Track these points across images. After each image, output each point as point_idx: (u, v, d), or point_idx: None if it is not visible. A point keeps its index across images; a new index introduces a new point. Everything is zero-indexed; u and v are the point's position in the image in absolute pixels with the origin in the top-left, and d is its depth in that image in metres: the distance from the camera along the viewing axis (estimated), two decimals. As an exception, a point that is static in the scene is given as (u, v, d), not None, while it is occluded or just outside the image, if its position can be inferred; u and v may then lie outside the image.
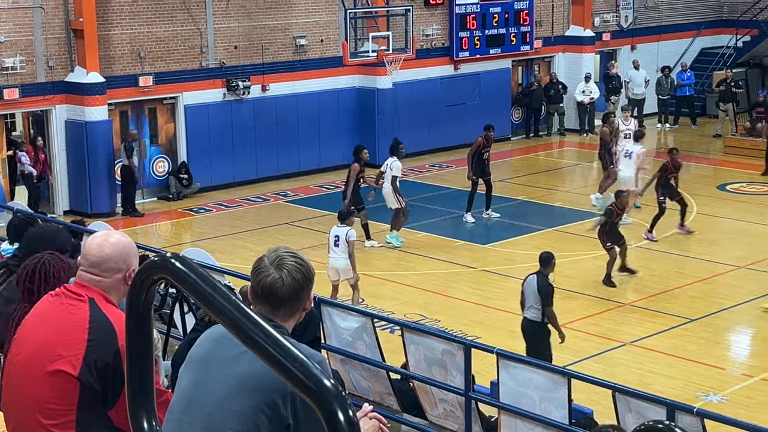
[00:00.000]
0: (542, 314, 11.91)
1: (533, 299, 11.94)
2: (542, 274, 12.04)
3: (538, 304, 11.91)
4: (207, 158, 22.71)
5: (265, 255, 3.18)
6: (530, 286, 11.99)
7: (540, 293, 11.86)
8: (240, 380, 3.04)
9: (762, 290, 15.76)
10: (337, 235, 14.65)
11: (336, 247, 14.62)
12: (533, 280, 12.00)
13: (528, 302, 12.00)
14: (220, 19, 22.95)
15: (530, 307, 11.98)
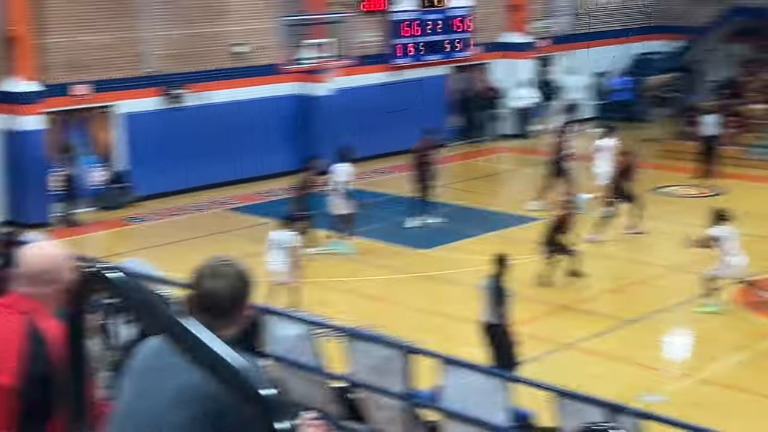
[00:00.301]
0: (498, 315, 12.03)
1: (489, 302, 12.09)
2: (498, 276, 12.15)
3: (491, 306, 12.06)
4: (146, 167, 22.50)
5: (204, 264, 3.17)
6: (487, 288, 12.14)
7: (497, 295, 12.01)
8: (179, 391, 3.02)
9: (698, 291, 15.99)
10: (276, 239, 14.79)
11: (273, 250, 14.75)
12: (489, 283, 12.15)
13: (484, 304, 12.10)
14: (157, 27, 22.76)
15: (486, 309, 12.11)
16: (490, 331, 12.11)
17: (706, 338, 14.44)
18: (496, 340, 12.08)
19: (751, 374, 12.95)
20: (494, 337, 12.10)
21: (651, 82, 29.88)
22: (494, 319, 12.06)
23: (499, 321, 12.05)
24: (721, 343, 14.08)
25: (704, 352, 13.94)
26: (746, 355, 13.60)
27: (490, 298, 12.07)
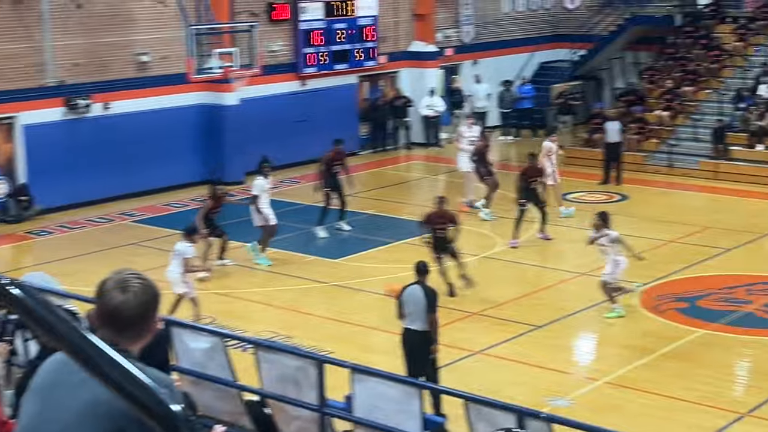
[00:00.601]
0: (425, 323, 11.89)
1: (418, 309, 11.86)
2: (423, 283, 12.08)
3: (423, 313, 11.86)
4: (48, 179, 22.04)
5: (108, 277, 3.11)
6: (414, 296, 11.89)
7: (428, 299, 11.85)
8: (84, 408, 2.95)
9: (603, 296, 16.26)
10: (176, 250, 14.88)
11: (172, 261, 14.84)
12: (417, 290, 11.91)
13: (412, 314, 11.87)
14: (58, 36, 22.36)
15: (416, 318, 11.88)
16: (418, 339, 11.97)
17: (611, 342, 14.71)
18: (424, 348, 12.02)
19: (655, 376, 13.23)
20: (422, 346, 12.00)
21: (556, 90, 30.36)
22: (424, 327, 11.96)
23: (426, 329, 11.98)
24: (627, 347, 14.35)
25: (610, 356, 14.20)
26: (650, 357, 13.88)
27: (420, 306, 11.90)
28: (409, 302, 11.94)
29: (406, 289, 12.03)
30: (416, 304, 11.88)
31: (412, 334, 11.91)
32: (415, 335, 11.90)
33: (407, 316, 11.94)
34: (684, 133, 26.49)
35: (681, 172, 25.50)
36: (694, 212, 22.10)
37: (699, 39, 29.06)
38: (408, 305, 11.94)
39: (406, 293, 11.99)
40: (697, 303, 16.10)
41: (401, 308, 12.01)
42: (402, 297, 11.99)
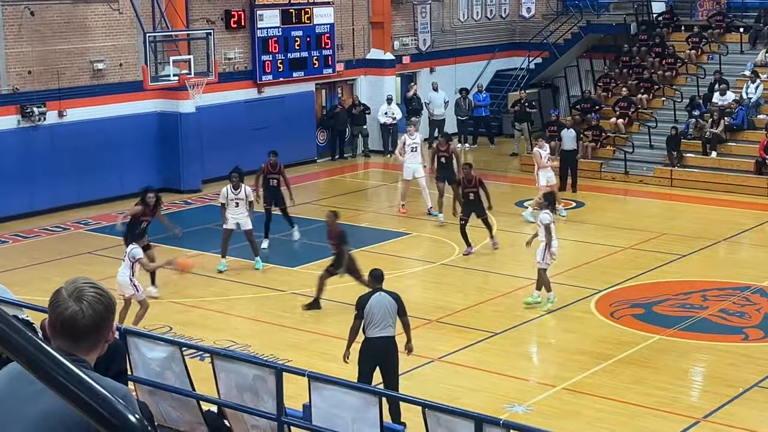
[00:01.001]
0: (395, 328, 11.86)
1: (389, 316, 11.80)
2: (384, 289, 12.02)
3: (393, 319, 11.84)
4: (2, 187, 21.79)
5: (63, 286, 3.06)
6: (381, 304, 11.81)
7: (400, 303, 11.85)
8: (39, 420, 2.91)
9: (560, 302, 16.37)
10: (125, 252, 14.99)
11: (123, 262, 14.90)
12: (384, 298, 11.84)
13: (382, 321, 11.78)
14: (12, 44, 22.12)
15: (387, 325, 11.81)
16: (391, 346, 11.90)
17: (568, 348, 14.78)
18: (396, 354, 11.97)
19: (612, 382, 13.32)
20: (395, 351, 11.95)
21: (512, 98, 30.54)
22: (394, 333, 11.95)
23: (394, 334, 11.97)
24: (584, 353, 14.43)
25: (567, 362, 14.26)
26: (607, 363, 13.97)
27: (391, 312, 11.84)
28: (376, 311, 11.81)
29: (371, 299, 11.88)
30: (386, 311, 11.80)
31: (385, 341, 11.82)
32: (388, 342, 11.84)
33: (376, 325, 11.82)
34: (639, 140, 26.75)
35: (636, 179, 25.75)
36: (649, 219, 22.30)
37: (653, 47, 29.36)
38: (375, 314, 11.81)
39: (372, 303, 11.82)
40: (653, 309, 16.24)
41: (366, 319, 11.84)
42: (367, 308, 11.81)
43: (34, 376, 2.09)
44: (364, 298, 11.93)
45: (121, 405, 2.00)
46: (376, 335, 11.81)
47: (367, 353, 11.86)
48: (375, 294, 11.94)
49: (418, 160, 22.15)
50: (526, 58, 32.57)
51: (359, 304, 11.89)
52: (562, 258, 19.38)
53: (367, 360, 11.86)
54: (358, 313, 11.86)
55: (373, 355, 11.83)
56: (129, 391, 3.25)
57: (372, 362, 11.84)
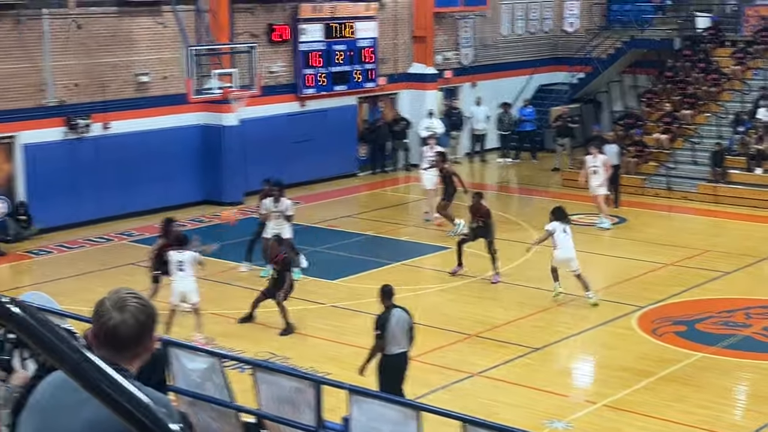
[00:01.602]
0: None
1: (405, 332, 11.96)
2: (397, 305, 12.12)
3: (406, 336, 11.99)
4: (47, 199, 22.06)
5: (106, 297, 3.10)
6: (402, 320, 11.93)
7: (412, 323, 12.03)
8: (84, 428, 2.95)
9: (602, 318, 16.28)
10: (180, 261, 15.03)
11: (180, 271, 15.01)
12: (403, 314, 12.00)
13: (398, 338, 11.92)
14: (58, 57, 22.42)
15: (398, 342, 11.94)
16: (407, 360, 12.03)
17: (610, 365, 14.67)
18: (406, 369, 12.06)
19: (653, 399, 13.19)
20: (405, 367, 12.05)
21: (554, 113, 30.44)
22: (407, 348, 12.04)
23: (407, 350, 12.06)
24: (625, 370, 14.31)
25: (608, 379, 14.15)
26: (648, 381, 13.85)
27: (407, 328, 11.96)
28: (397, 328, 11.93)
29: (391, 317, 11.93)
30: (403, 328, 11.98)
31: (404, 356, 12.02)
32: (406, 357, 12.06)
33: (397, 342, 11.94)
34: (682, 156, 26.55)
35: (680, 195, 25.54)
36: (692, 235, 22.11)
37: (698, 62, 29.15)
38: (396, 331, 11.93)
39: (392, 321, 11.90)
40: (696, 326, 16.08)
41: (388, 335, 11.90)
42: (391, 326, 11.90)
43: (79, 384, 2.12)
44: (385, 317, 11.98)
45: (163, 414, 2.02)
46: (396, 351, 11.97)
47: (390, 369, 11.99)
48: (394, 311, 12.04)
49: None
50: (569, 73, 32.45)
51: (381, 323, 11.94)
52: (604, 274, 19.30)
53: (391, 376, 11.96)
54: (381, 333, 11.91)
55: (398, 370, 12.00)
56: (170, 401, 3.28)
57: (399, 377, 11.98)
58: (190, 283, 15.07)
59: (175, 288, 15.10)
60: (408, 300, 17.22)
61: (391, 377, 11.95)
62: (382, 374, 12.01)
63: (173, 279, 15.13)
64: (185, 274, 15.05)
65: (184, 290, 15.03)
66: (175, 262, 15.12)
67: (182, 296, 15.08)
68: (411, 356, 12.27)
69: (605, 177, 22.71)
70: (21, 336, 2.28)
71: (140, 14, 23.86)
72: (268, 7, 26.41)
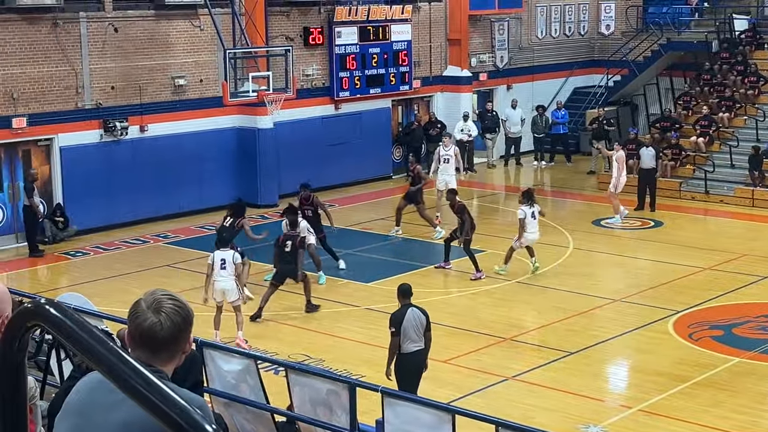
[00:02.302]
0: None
1: (421, 330, 12.07)
2: (413, 304, 12.26)
3: (421, 334, 12.07)
4: (84, 200, 22.25)
5: (142, 298, 3.12)
6: (416, 319, 12.05)
7: (428, 320, 12.13)
8: (119, 428, 2.96)
9: (637, 323, 16.18)
10: (223, 259, 15.23)
11: (223, 269, 15.17)
12: (417, 313, 12.11)
13: (412, 336, 12.05)
14: (96, 60, 22.60)
15: (419, 339, 12.08)
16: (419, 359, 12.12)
17: (645, 369, 14.57)
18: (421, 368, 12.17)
19: (690, 404, 13.08)
20: (421, 366, 12.15)
21: (590, 116, 30.29)
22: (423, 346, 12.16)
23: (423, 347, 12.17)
24: (661, 374, 14.20)
25: (644, 383, 14.05)
26: (685, 385, 13.73)
27: (422, 326, 12.09)
28: (410, 327, 12.08)
29: (406, 315, 12.08)
30: (418, 326, 12.10)
31: (420, 354, 12.16)
32: (422, 355, 12.19)
33: (411, 340, 12.09)
34: (720, 159, 26.32)
35: (717, 198, 25.32)
36: (729, 239, 21.91)
37: (735, 65, 28.90)
38: (409, 330, 12.08)
39: (408, 318, 12.06)
40: (733, 331, 15.93)
41: (402, 335, 12.07)
42: (405, 323, 12.06)
43: (115, 385, 2.13)
44: (399, 315, 12.17)
45: (199, 415, 2.03)
46: (412, 350, 12.10)
47: (406, 368, 12.14)
48: (408, 309, 12.15)
49: (449, 171, 22.84)
50: (605, 76, 32.28)
51: (395, 321, 12.13)
52: (641, 278, 19.17)
53: (407, 375, 12.12)
54: (396, 330, 12.10)
55: (411, 370, 12.12)
56: (205, 403, 3.29)
57: (414, 376, 12.10)
58: (229, 282, 15.18)
59: (216, 286, 15.24)
60: (442, 302, 17.22)
61: (406, 375, 12.11)
62: (398, 372, 12.18)
63: (215, 278, 15.24)
64: (226, 272, 15.15)
65: (224, 288, 15.17)
66: (218, 260, 15.24)
67: (222, 294, 15.19)
68: (433, 357, 12.32)
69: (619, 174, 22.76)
70: (58, 337, 2.29)
71: (177, 17, 24.01)
72: (304, 9, 26.49)
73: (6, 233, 21.59)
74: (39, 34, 21.70)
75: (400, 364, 12.18)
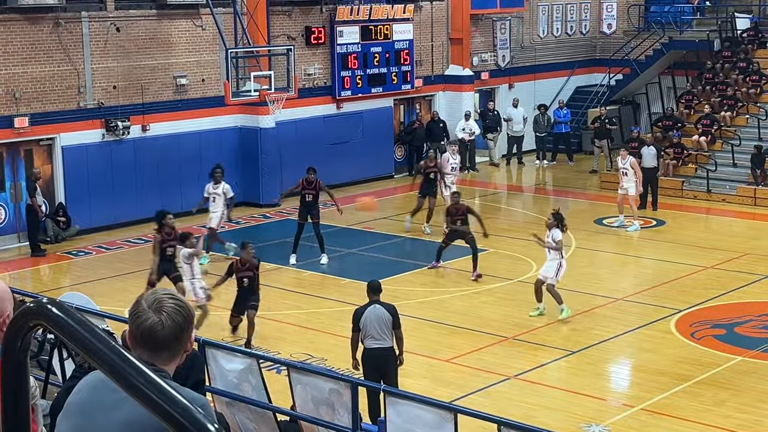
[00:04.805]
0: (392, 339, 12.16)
1: (384, 327, 12.06)
2: (380, 301, 12.27)
3: (389, 330, 12.08)
4: (86, 200, 22.26)
5: (143, 297, 3.12)
6: (376, 316, 12.07)
7: (395, 317, 12.11)
8: (122, 427, 2.96)
9: (640, 321, 16.18)
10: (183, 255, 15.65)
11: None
12: (378, 309, 12.12)
13: (377, 332, 12.08)
14: (98, 59, 22.61)
15: (382, 336, 12.09)
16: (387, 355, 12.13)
17: (647, 368, 14.56)
18: (394, 364, 12.19)
19: (692, 403, 13.08)
20: (393, 361, 12.19)
21: (592, 115, 30.28)
22: (391, 344, 12.15)
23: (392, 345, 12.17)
24: (663, 373, 14.20)
25: (646, 382, 14.05)
26: (687, 384, 13.73)
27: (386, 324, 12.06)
28: (370, 323, 12.10)
29: (366, 311, 12.17)
30: (380, 323, 12.08)
31: (381, 351, 12.12)
32: (384, 352, 12.14)
33: (371, 336, 12.11)
34: (722, 158, 26.30)
35: (719, 197, 25.32)
36: (731, 238, 21.90)
37: (737, 64, 28.88)
38: (369, 326, 12.11)
39: (367, 315, 12.13)
40: (735, 330, 15.93)
41: (362, 331, 12.17)
42: (362, 319, 12.13)
43: (117, 384, 2.13)
44: (359, 311, 12.28)
45: (201, 414, 2.02)
46: (373, 346, 12.13)
47: (366, 363, 12.21)
48: (370, 306, 12.21)
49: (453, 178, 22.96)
50: (607, 75, 32.27)
51: (354, 317, 12.28)
52: (643, 277, 19.17)
53: (367, 370, 12.19)
54: (354, 326, 12.25)
55: (372, 365, 12.15)
56: (207, 401, 3.29)
57: (373, 372, 12.12)
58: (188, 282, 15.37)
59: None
60: (444, 302, 17.22)
61: (365, 369, 12.21)
62: (362, 367, 12.28)
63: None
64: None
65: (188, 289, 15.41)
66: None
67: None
68: (435, 356, 12.28)
69: (637, 178, 22.55)
70: (60, 336, 2.29)
71: (178, 17, 24.01)
72: (305, 9, 26.49)
73: (8, 233, 21.60)
74: (41, 33, 21.71)
75: (362, 358, 12.31)
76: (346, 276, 19.01)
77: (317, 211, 19.64)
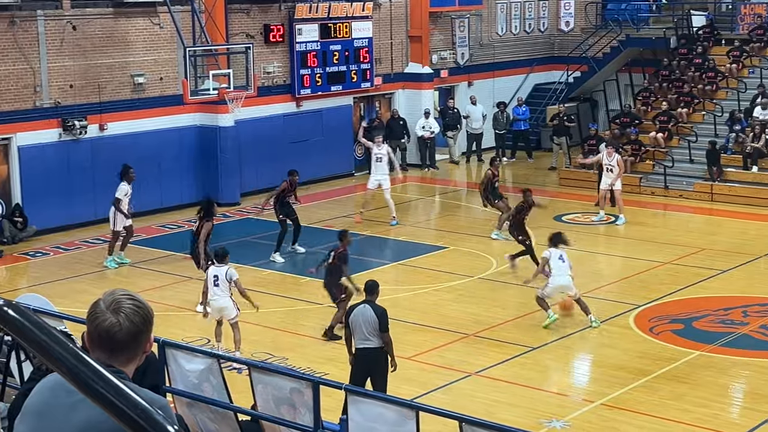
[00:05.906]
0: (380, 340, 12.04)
1: (370, 328, 11.97)
2: (372, 302, 12.17)
3: (376, 331, 11.98)
4: (43, 200, 22.03)
5: (101, 298, 3.08)
6: (364, 316, 11.99)
7: (380, 320, 11.96)
8: (80, 430, 2.94)
9: (599, 317, 16.26)
10: (216, 275, 14.56)
11: (216, 287, 14.53)
12: (366, 310, 12.02)
13: (364, 332, 12.00)
14: (54, 58, 22.38)
15: (367, 337, 12.01)
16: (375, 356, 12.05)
17: (607, 363, 14.67)
18: (382, 365, 12.10)
19: (651, 398, 13.19)
20: (381, 362, 12.10)
21: (550, 112, 30.45)
22: (379, 344, 12.04)
23: (381, 346, 12.06)
24: (622, 368, 14.31)
25: (606, 377, 14.15)
26: (646, 379, 13.85)
27: (372, 325, 11.96)
28: (356, 323, 12.05)
29: (355, 310, 12.12)
30: (367, 324, 12.00)
31: (367, 352, 12.04)
32: (370, 353, 12.04)
33: (358, 336, 12.06)
34: (679, 155, 26.56)
35: (676, 193, 25.56)
36: (689, 234, 22.12)
37: (694, 61, 29.17)
38: (355, 326, 12.05)
39: (355, 314, 12.07)
40: (693, 324, 16.09)
41: (349, 329, 12.13)
42: (352, 318, 12.08)
43: (75, 386, 2.11)
44: (350, 310, 12.31)
45: (160, 416, 2.01)
46: (360, 346, 12.09)
47: (355, 363, 12.18)
48: (360, 306, 12.17)
49: (382, 170, 22.78)
50: (565, 72, 32.47)
51: (345, 315, 12.34)
52: (601, 273, 19.32)
53: (355, 369, 12.16)
54: (345, 323, 12.35)
55: (360, 365, 12.12)
56: (167, 402, 3.27)
57: (360, 372, 12.08)
58: (224, 299, 14.55)
59: (213, 305, 14.66)
60: (405, 299, 17.24)
61: (354, 369, 12.17)
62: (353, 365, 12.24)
63: (210, 296, 14.64)
64: (219, 290, 14.49)
65: (220, 306, 14.59)
66: (211, 277, 14.62)
67: (219, 312, 14.66)
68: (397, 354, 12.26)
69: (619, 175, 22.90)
70: (17, 339, 2.26)
71: (136, 15, 23.83)
72: (264, 7, 26.40)
73: (-36, 234, 21.33)
74: (-5, 32, 21.47)
75: (354, 357, 12.25)
76: (305, 275, 18.95)
77: (292, 209, 20.12)
